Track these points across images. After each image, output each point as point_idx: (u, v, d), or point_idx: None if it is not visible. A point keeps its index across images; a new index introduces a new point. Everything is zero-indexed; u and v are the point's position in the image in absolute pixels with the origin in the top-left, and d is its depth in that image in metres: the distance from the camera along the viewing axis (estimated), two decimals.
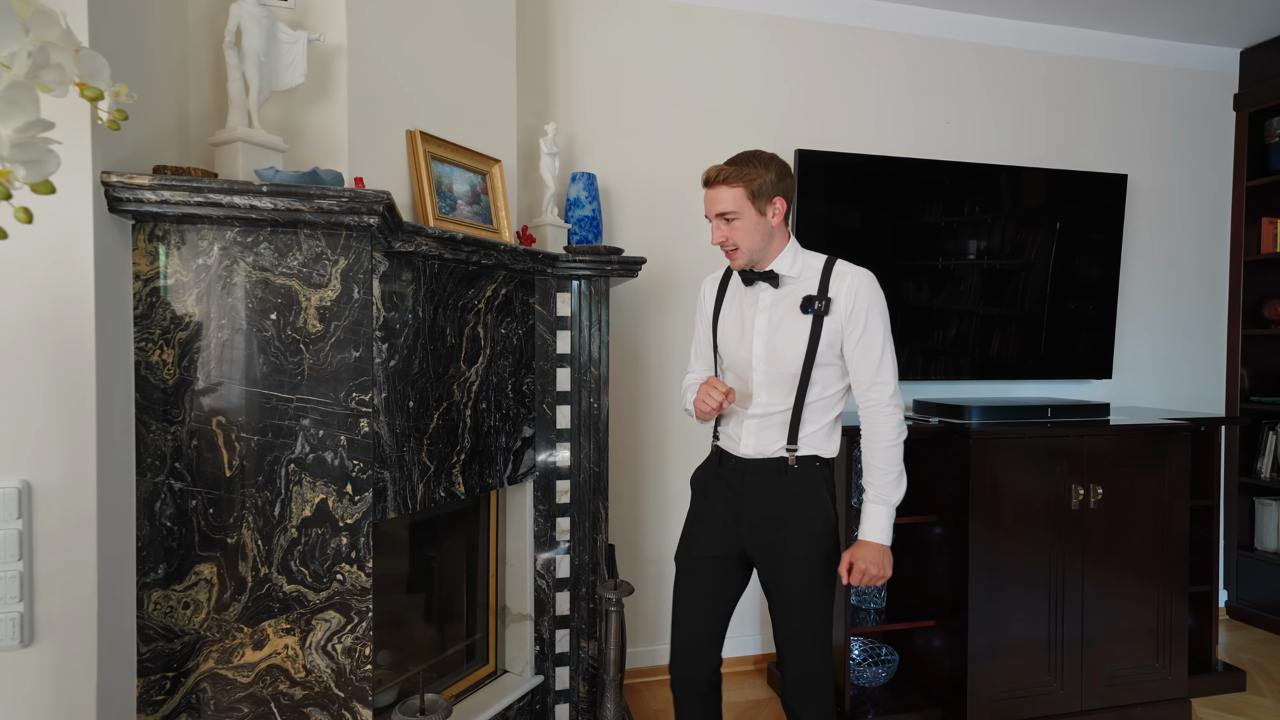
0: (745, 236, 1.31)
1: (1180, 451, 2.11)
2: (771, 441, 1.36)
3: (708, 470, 1.46)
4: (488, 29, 1.82)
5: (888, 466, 1.32)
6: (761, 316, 1.37)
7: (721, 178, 1.30)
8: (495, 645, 1.92)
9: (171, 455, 1.19)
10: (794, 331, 1.33)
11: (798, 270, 1.36)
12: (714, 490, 1.43)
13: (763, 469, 1.36)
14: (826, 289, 1.33)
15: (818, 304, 1.31)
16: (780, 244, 1.36)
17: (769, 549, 1.35)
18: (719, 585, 1.41)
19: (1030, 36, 2.70)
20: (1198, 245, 2.93)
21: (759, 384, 1.37)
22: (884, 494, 1.33)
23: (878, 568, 1.32)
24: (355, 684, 1.26)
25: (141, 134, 1.18)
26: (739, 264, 1.35)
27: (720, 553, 1.40)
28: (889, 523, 1.33)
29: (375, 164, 1.49)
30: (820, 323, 1.31)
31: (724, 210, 1.30)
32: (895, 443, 1.32)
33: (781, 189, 1.32)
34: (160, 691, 1.19)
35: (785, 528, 1.34)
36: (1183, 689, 2.12)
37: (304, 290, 1.23)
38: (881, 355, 1.32)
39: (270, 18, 1.30)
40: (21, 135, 0.67)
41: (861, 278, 1.33)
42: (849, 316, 1.31)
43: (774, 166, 1.32)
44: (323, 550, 1.25)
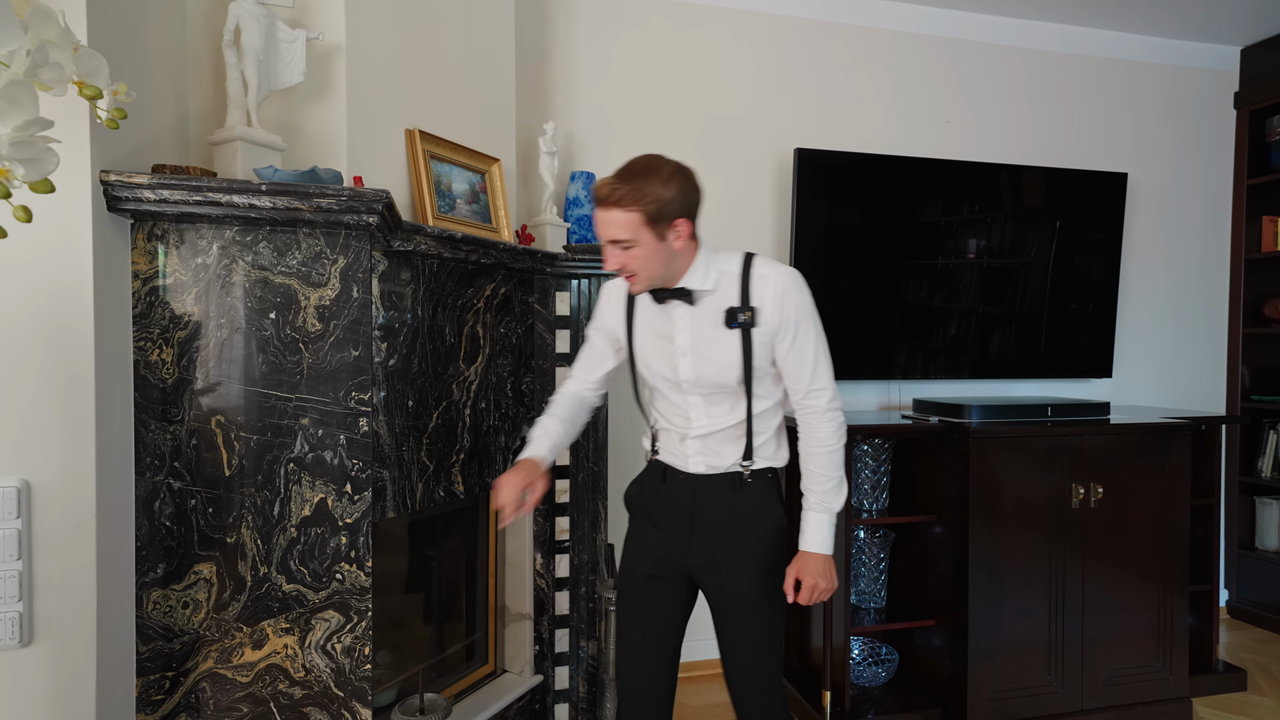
0: (644, 264, 1.14)
1: (1180, 450, 2.11)
2: (724, 456, 1.26)
3: (647, 487, 1.33)
4: (486, 28, 1.82)
5: (827, 473, 1.23)
6: (683, 335, 1.22)
7: (614, 198, 1.11)
8: (495, 645, 1.92)
9: (171, 454, 1.19)
10: (723, 348, 1.20)
11: (713, 281, 1.20)
12: (657, 508, 1.30)
13: (715, 484, 1.26)
14: (749, 297, 1.19)
15: (742, 316, 1.18)
16: (688, 259, 1.19)
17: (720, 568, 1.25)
18: (668, 609, 1.31)
19: (1030, 35, 2.69)
20: (1198, 244, 2.93)
21: (697, 405, 1.25)
22: (825, 501, 1.23)
23: (825, 580, 1.23)
24: (355, 683, 1.26)
25: (140, 133, 1.18)
26: (638, 290, 1.20)
27: (666, 573, 1.30)
28: (831, 531, 1.24)
29: (374, 163, 1.49)
30: (749, 335, 1.19)
31: (617, 237, 1.12)
32: (835, 448, 1.23)
33: (685, 208, 1.14)
34: (160, 691, 1.19)
35: (744, 545, 1.25)
36: (1183, 688, 2.12)
37: (303, 289, 1.23)
38: (816, 361, 1.21)
39: (269, 16, 1.30)
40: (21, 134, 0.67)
41: (785, 280, 1.19)
42: (778, 326, 1.19)
43: (675, 182, 1.12)
44: (322, 550, 1.25)
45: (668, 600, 1.30)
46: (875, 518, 2.16)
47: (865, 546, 2.26)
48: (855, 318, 2.44)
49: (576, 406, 1.39)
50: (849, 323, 2.43)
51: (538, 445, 1.30)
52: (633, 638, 1.32)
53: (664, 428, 1.32)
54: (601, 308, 1.34)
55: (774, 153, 2.48)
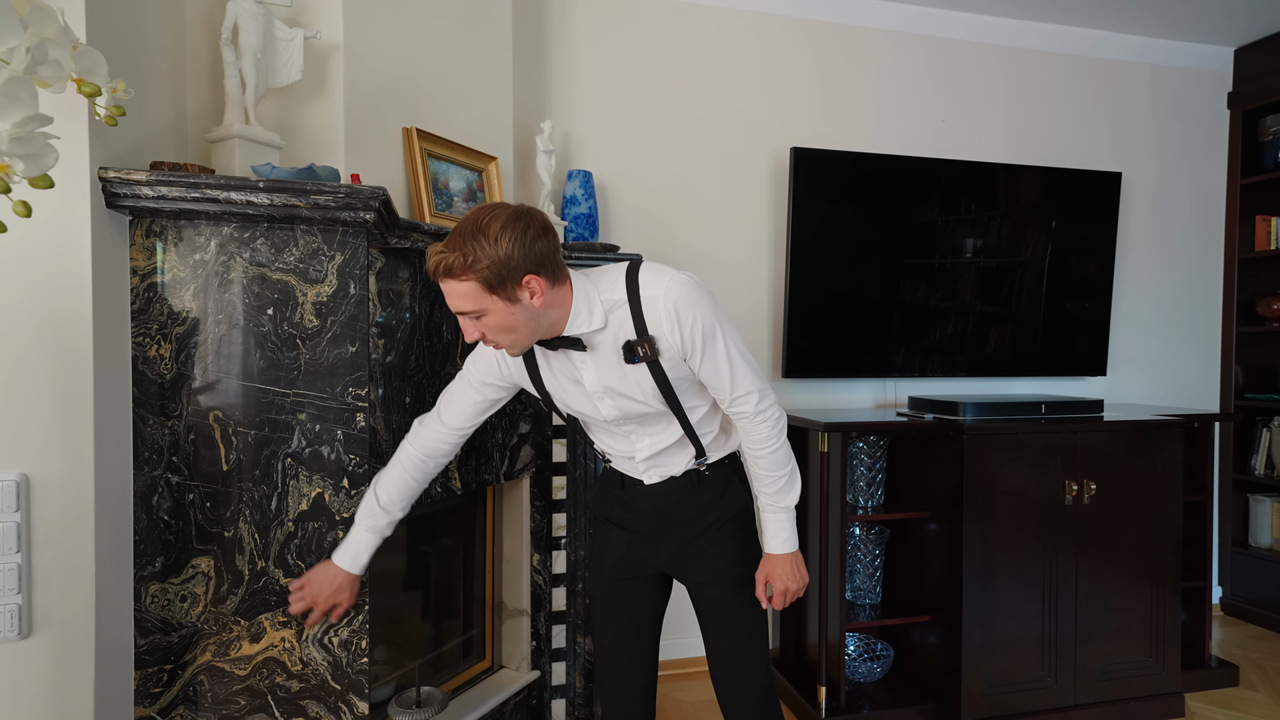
0: (503, 332, 1.02)
1: (1173, 448, 2.12)
2: (677, 464, 1.24)
3: (607, 493, 1.32)
4: (484, 26, 1.83)
5: (773, 472, 1.19)
6: (590, 378, 1.13)
7: (443, 268, 0.97)
8: (492, 640, 1.93)
9: (169, 449, 1.19)
10: (635, 383, 1.12)
11: (600, 318, 1.08)
12: (619, 514, 1.29)
13: (674, 486, 1.24)
14: (644, 326, 1.08)
15: (641, 350, 1.08)
16: (563, 307, 1.06)
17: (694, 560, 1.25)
18: (643, 608, 1.29)
19: (1025, 35, 2.71)
20: (1192, 243, 2.95)
21: (634, 432, 1.21)
22: (778, 500, 1.20)
23: (794, 580, 1.21)
24: (352, 677, 1.27)
25: (139, 130, 1.19)
26: (516, 353, 1.08)
27: (636, 573, 1.29)
28: (790, 528, 1.21)
29: (371, 161, 1.50)
30: (657, 365, 1.10)
31: (462, 310, 1.00)
32: (776, 447, 1.18)
33: (530, 263, 0.99)
34: (158, 684, 1.20)
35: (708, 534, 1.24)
36: (1176, 683, 2.13)
37: (300, 285, 1.24)
38: (732, 369, 1.12)
39: (267, 15, 1.31)
40: (20, 130, 0.68)
41: (675, 296, 1.06)
42: (681, 347, 1.09)
43: (507, 237, 0.96)
44: (319, 544, 1.26)
45: (640, 600, 1.29)
46: (870, 514, 2.17)
47: (860, 543, 2.27)
48: (852, 316, 2.46)
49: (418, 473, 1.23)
50: (846, 321, 2.45)
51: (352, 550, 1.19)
52: (609, 641, 1.30)
53: (611, 452, 1.28)
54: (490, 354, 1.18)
55: (770, 152, 2.49)
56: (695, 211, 2.43)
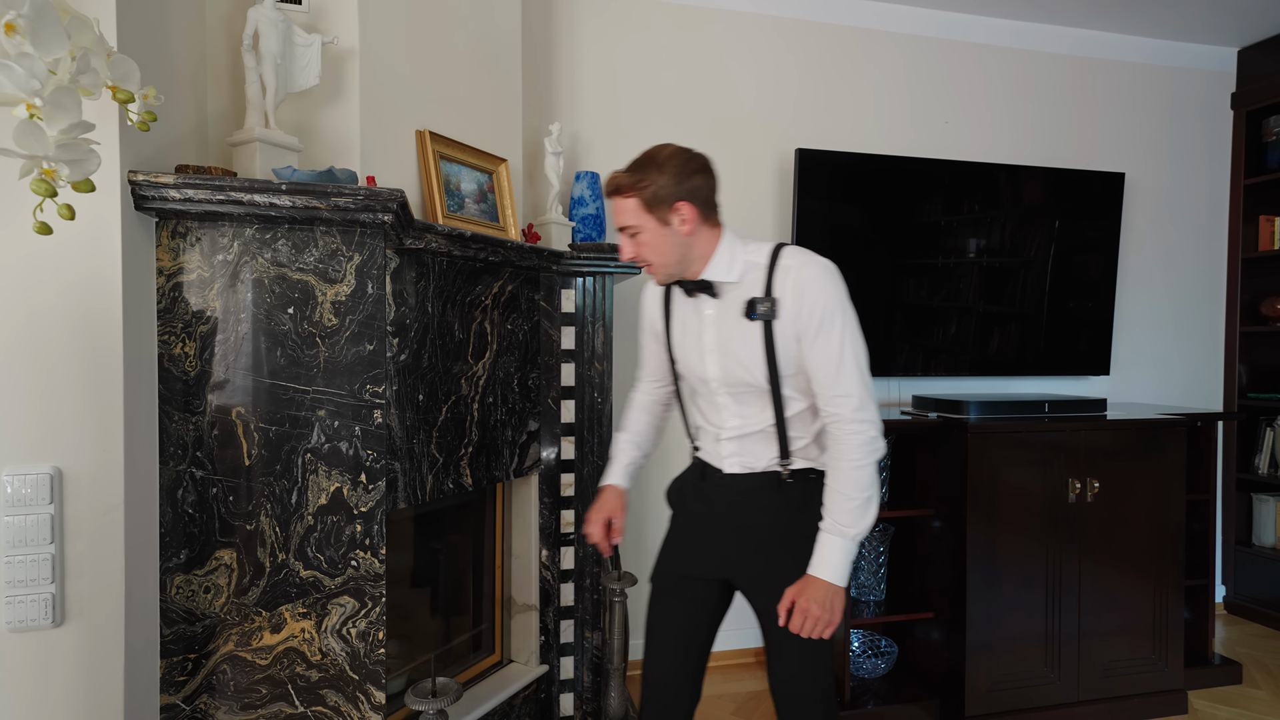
0: (653, 251, 1.14)
1: (1176, 446, 2.14)
2: (759, 456, 1.20)
3: (687, 484, 1.30)
4: (494, 31, 1.86)
5: (850, 491, 1.10)
6: (709, 331, 1.19)
7: (615, 187, 1.13)
8: (501, 635, 1.96)
9: (193, 444, 1.23)
10: (745, 344, 1.15)
11: (737, 273, 1.15)
12: (695, 507, 1.27)
13: (753, 484, 1.20)
14: (771, 287, 1.12)
15: (760, 307, 1.11)
16: (707, 247, 1.16)
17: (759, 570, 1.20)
18: (700, 611, 1.26)
19: (1028, 36, 2.73)
20: (1195, 243, 2.96)
21: (726, 405, 1.21)
22: (842, 522, 1.11)
23: (824, 610, 1.09)
24: (369, 667, 1.30)
25: (164, 135, 1.23)
26: (659, 280, 1.19)
27: (701, 574, 1.25)
28: (845, 559, 1.11)
29: (386, 163, 1.53)
30: (770, 329, 1.12)
31: (623, 224, 1.14)
32: (861, 464, 1.10)
33: (684, 191, 1.11)
34: (182, 672, 1.23)
35: (779, 546, 1.18)
36: (1179, 681, 2.15)
37: (320, 285, 1.27)
38: (840, 361, 1.10)
39: (286, 21, 1.35)
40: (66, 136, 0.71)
41: (810, 269, 1.11)
42: (798, 318, 1.11)
43: (670, 168, 1.11)
44: (338, 537, 1.29)
45: (695, 601, 1.26)
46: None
47: (865, 540, 2.29)
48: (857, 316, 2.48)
49: (649, 416, 1.40)
50: None
51: (615, 472, 1.37)
52: (657, 634, 1.28)
53: (702, 426, 1.28)
54: (644, 308, 1.34)
55: (775, 153, 2.52)
56: None
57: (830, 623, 1.11)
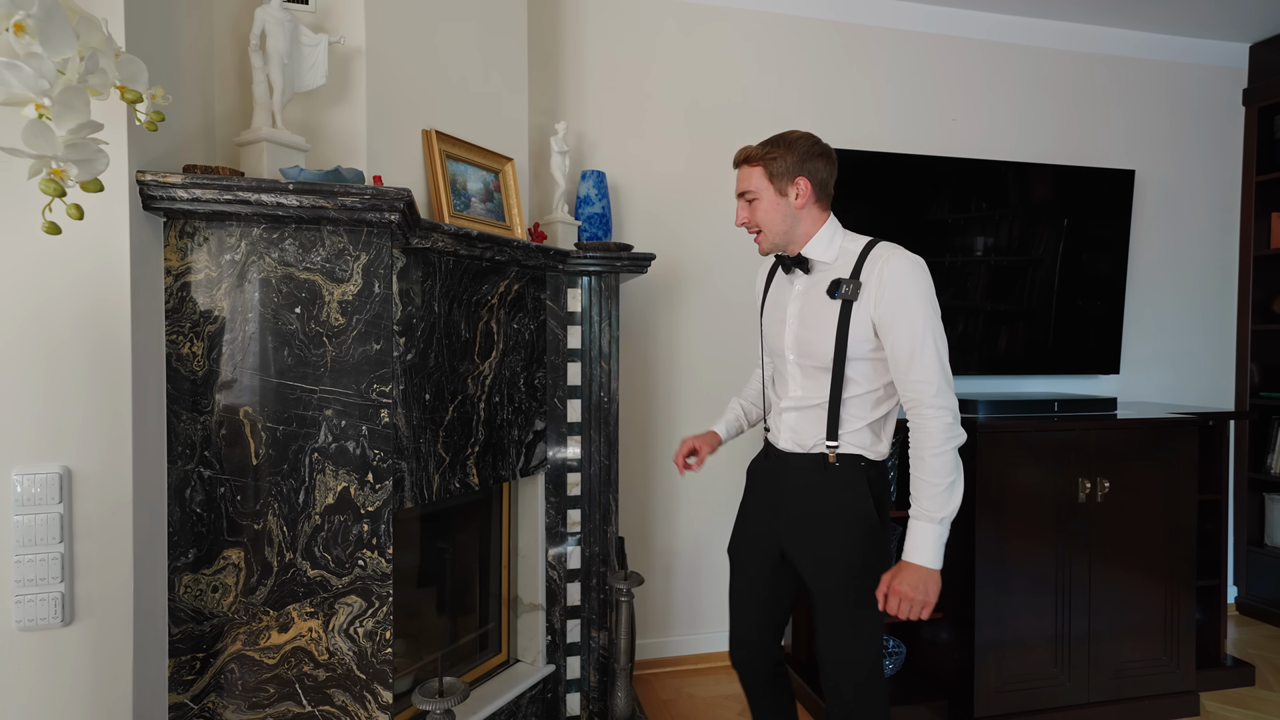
0: (765, 218, 1.27)
1: (1188, 446, 2.12)
2: (809, 436, 1.28)
3: (756, 462, 1.45)
4: (500, 30, 1.86)
5: (933, 478, 1.15)
6: (794, 304, 1.31)
7: (744, 157, 1.29)
8: (507, 635, 1.96)
9: (201, 444, 1.23)
10: (821, 319, 1.24)
11: (833, 255, 1.27)
12: (758, 483, 1.41)
13: (801, 464, 1.29)
14: (859, 272, 1.22)
15: (845, 288, 1.21)
16: (811, 227, 1.28)
17: (804, 549, 1.28)
18: (768, 578, 1.38)
19: (1037, 33, 2.71)
20: (1206, 241, 2.94)
21: (793, 375, 1.31)
22: (928, 509, 1.16)
23: (918, 592, 1.15)
24: (376, 666, 1.30)
25: (171, 135, 1.23)
26: (764, 248, 1.31)
27: (763, 546, 1.37)
28: (937, 542, 1.15)
29: (393, 162, 1.53)
30: (848, 309, 1.21)
31: (743, 190, 1.29)
32: (941, 450, 1.15)
33: (806, 169, 1.25)
34: (190, 671, 1.24)
35: (822, 528, 1.26)
36: (1190, 682, 2.13)
37: (327, 285, 1.27)
38: (919, 347, 1.17)
39: (293, 21, 1.35)
40: (74, 136, 0.71)
41: (898, 260, 1.20)
42: (879, 303, 1.19)
43: (798, 147, 1.25)
44: (345, 537, 1.29)
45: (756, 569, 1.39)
46: None
47: None
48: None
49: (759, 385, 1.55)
50: None
51: (720, 422, 1.53)
52: (733, 600, 1.45)
53: (771, 401, 1.40)
54: (757, 287, 1.50)
55: None
56: (707, 210, 2.45)
57: (925, 604, 1.17)
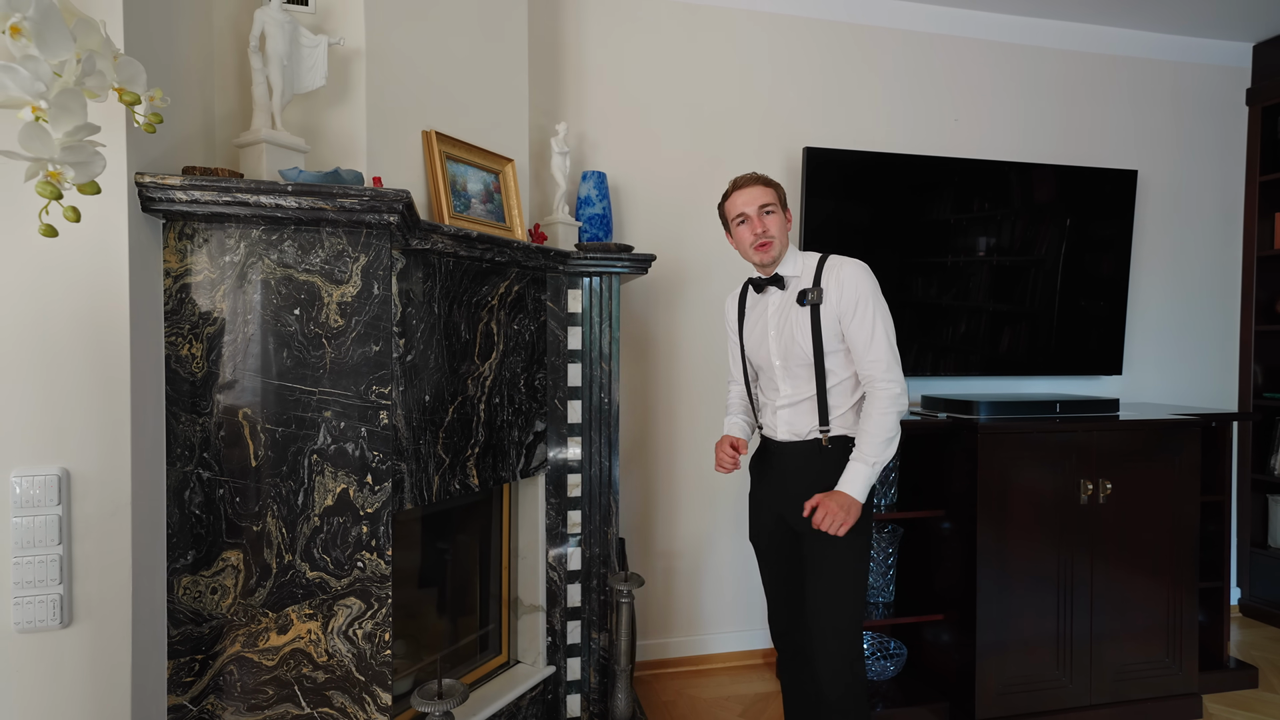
0: (778, 230, 1.50)
1: (1191, 447, 2.11)
2: (803, 425, 1.50)
3: (758, 455, 1.64)
4: (500, 31, 1.85)
5: (876, 432, 1.40)
6: (773, 318, 1.53)
7: (760, 180, 1.51)
8: (508, 636, 1.96)
9: (200, 445, 1.23)
10: (798, 325, 1.48)
11: (799, 270, 1.52)
12: (761, 473, 1.61)
13: (799, 450, 1.51)
14: (819, 280, 1.48)
15: (811, 295, 1.46)
16: (787, 248, 1.54)
17: (807, 524, 1.46)
18: (787, 556, 1.57)
19: (1039, 32, 2.70)
20: (1209, 241, 2.92)
21: (780, 377, 1.52)
22: (866, 453, 1.41)
23: (842, 512, 1.39)
24: (375, 668, 1.30)
25: (171, 137, 1.23)
26: (771, 254, 1.50)
27: (779, 531, 1.56)
28: (865, 480, 1.41)
29: (392, 164, 1.53)
30: (817, 312, 1.46)
31: (765, 202, 1.49)
32: (886, 411, 1.41)
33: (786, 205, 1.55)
34: (189, 673, 1.24)
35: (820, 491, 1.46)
36: (1193, 684, 2.12)
37: (326, 286, 1.27)
38: (872, 333, 1.43)
39: (293, 23, 1.35)
40: (71, 139, 0.71)
41: (849, 267, 1.47)
42: (839, 303, 1.45)
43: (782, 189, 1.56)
44: (344, 538, 1.29)
45: (776, 551, 1.58)
46: (884, 513, 2.18)
47: (874, 541, 2.28)
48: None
49: (744, 403, 1.69)
50: None
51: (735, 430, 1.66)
52: (765, 586, 1.63)
53: (763, 403, 1.60)
54: (726, 315, 1.69)
55: (782, 151, 2.50)
56: (708, 211, 2.44)
57: (845, 523, 1.39)
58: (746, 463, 2.33)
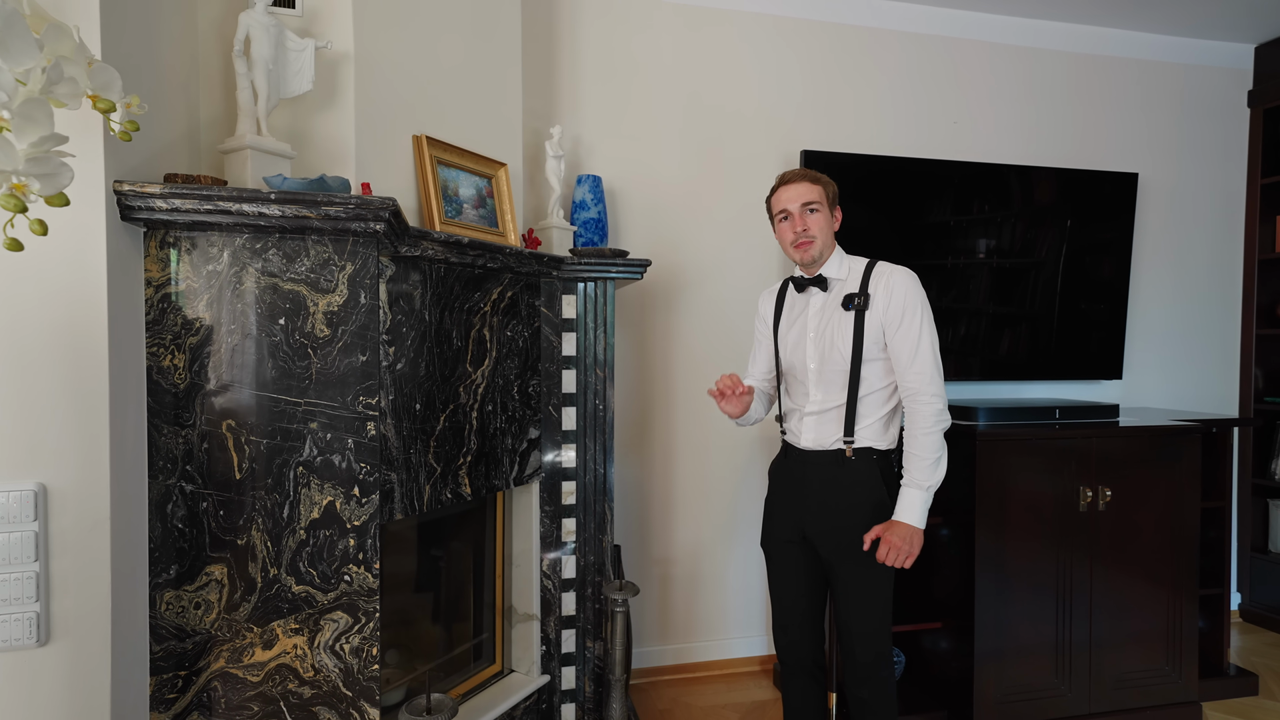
0: (820, 229, 1.47)
1: (1191, 453, 2.09)
2: (829, 435, 1.47)
3: (778, 461, 1.60)
4: (493, 34, 1.83)
5: (922, 453, 1.38)
6: (813, 319, 1.50)
7: (809, 176, 1.48)
8: (502, 645, 1.94)
9: (183, 458, 1.21)
10: (840, 329, 1.45)
11: (844, 273, 1.49)
12: (781, 480, 1.57)
13: (822, 460, 1.47)
14: (867, 286, 1.44)
15: (857, 300, 1.43)
16: (831, 249, 1.51)
17: (828, 535, 1.46)
18: (801, 567, 1.54)
19: (1039, 34, 2.68)
20: (1210, 244, 2.90)
21: (813, 382, 1.49)
22: (917, 478, 1.38)
23: (905, 544, 1.36)
24: (363, 683, 1.28)
25: (153, 143, 1.20)
26: (811, 254, 1.47)
27: (793, 537, 1.53)
28: (922, 506, 1.38)
29: (382, 169, 1.51)
30: (861, 318, 1.42)
31: (809, 200, 1.46)
32: (931, 429, 1.38)
33: (838, 203, 1.52)
34: (172, 690, 1.21)
35: (843, 515, 1.44)
36: (1193, 692, 2.10)
37: (312, 295, 1.25)
38: (918, 345, 1.39)
39: (278, 26, 1.32)
40: (36, 150, 0.69)
41: (899, 274, 1.44)
42: (886, 310, 1.41)
43: (834, 186, 1.52)
44: (330, 552, 1.27)
45: (791, 560, 1.54)
46: None
47: None
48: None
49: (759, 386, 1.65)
50: None
51: None
52: (778, 592, 1.57)
53: (789, 408, 1.56)
54: (760, 308, 1.65)
55: (780, 154, 2.48)
56: (705, 215, 2.42)
57: (910, 554, 1.37)
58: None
